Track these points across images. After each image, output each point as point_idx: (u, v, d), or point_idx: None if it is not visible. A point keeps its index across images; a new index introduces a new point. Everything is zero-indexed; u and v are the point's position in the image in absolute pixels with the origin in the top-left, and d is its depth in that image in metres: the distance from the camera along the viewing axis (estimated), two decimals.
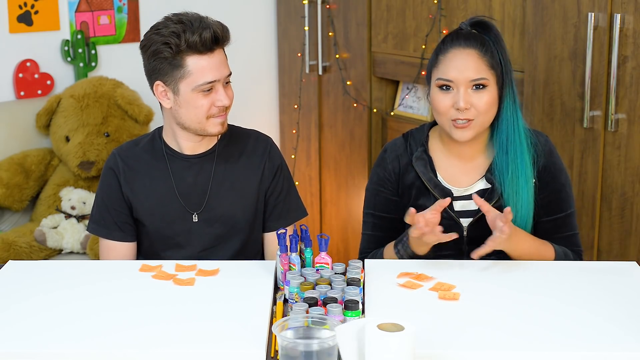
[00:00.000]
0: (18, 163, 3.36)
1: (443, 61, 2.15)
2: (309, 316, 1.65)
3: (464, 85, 2.12)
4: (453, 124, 2.14)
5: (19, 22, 3.51)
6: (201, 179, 2.31)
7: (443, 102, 2.14)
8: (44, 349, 1.68)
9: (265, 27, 4.19)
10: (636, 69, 2.61)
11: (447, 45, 2.16)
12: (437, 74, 2.16)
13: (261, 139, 2.39)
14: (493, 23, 2.20)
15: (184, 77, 2.18)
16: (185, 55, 2.16)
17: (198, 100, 2.19)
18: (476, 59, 2.13)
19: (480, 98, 2.13)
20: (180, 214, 2.30)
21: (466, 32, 2.18)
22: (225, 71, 2.22)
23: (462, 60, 2.13)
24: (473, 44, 2.14)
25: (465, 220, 2.22)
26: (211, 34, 2.17)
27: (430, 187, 2.21)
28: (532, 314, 1.81)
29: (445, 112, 2.14)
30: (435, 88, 2.17)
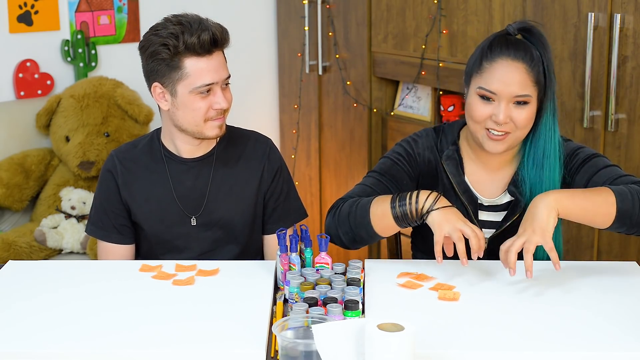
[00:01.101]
0: (18, 163, 3.36)
1: (488, 70, 2.04)
2: (309, 316, 1.65)
3: (506, 100, 2.02)
4: (487, 134, 2.06)
5: (19, 22, 3.51)
6: (200, 183, 2.30)
7: (481, 111, 2.05)
8: (44, 349, 1.68)
9: (265, 27, 4.19)
10: (636, 69, 2.61)
11: (495, 52, 2.04)
12: (480, 81, 2.05)
13: (260, 141, 2.37)
14: (543, 31, 2.08)
15: (181, 79, 2.16)
16: (183, 57, 2.15)
17: (196, 102, 2.18)
18: (523, 74, 2.02)
19: (520, 113, 2.03)
20: (179, 217, 2.29)
21: (516, 41, 2.05)
22: (224, 74, 2.20)
23: (509, 74, 2.02)
24: (522, 55, 2.03)
25: (487, 232, 2.17)
26: (210, 36, 2.15)
27: (460, 190, 2.14)
28: (532, 314, 1.81)
29: (481, 122, 2.06)
30: (474, 95, 2.06)
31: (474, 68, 2.08)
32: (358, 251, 3.82)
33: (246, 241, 2.34)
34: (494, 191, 2.18)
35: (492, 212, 2.17)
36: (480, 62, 2.06)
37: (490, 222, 2.18)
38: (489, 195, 2.18)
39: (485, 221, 2.18)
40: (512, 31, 2.08)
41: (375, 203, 2.02)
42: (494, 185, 2.18)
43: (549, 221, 1.90)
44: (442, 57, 3.28)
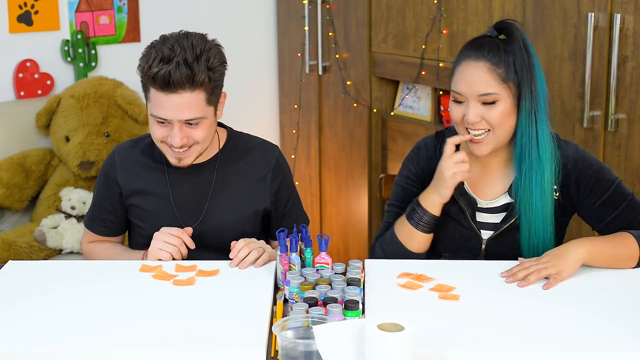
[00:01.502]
0: (18, 163, 3.36)
1: (456, 73, 2.10)
2: (309, 316, 1.65)
3: (473, 99, 2.06)
4: (471, 138, 2.08)
5: (19, 22, 3.51)
6: (198, 189, 2.28)
7: (455, 112, 2.10)
8: (44, 349, 1.68)
9: (265, 27, 4.19)
10: (636, 69, 2.61)
11: (461, 55, 2.11)
12: (452, 85, 2.11)
13: (267, 151, 2.33)
14: (517, 28, 2.10)
15: (148, 100, 2.16)
16: (148, 82, 2.13)
17: (153, 126, 2.17)
18: (485, 73, 2.05)
19: (490, 112, 2.06)
20: (177, 224, 2.26)
21: (484, 42, 2.09)
22: (184, 115, 2.10)
23: (471, 74, 2.06)
24: (484, 55, 2.06)
25: (485, 233, 2.18)
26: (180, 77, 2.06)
27: (457, 194, 2.15)
28: (532, 314, 1.81)
29: (457, 122, 2.11)
30: (451, 99, 2.12)
31: (451, 74, 2.14)
32: (358, 251, 3.84)
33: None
34: (492, 193, 2.18)
35: (490, 214, 2.18)
36: (453, 67, 2.13)
37: (488, 223, 2.18)
38: (487, 197, 2.18)
39: (484, 223, 2.18)
40: (490, 32, 2.12)
41: (398, 230, 2.18)
42: (492, 187, 2.18)
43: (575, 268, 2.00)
44: (442, 57, 3.28)
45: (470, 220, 2.16)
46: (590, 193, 2.13)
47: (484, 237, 2.17)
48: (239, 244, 2.12)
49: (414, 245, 2.16)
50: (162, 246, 2.14)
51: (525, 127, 2.09)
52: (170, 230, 2.17)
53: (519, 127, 2.10)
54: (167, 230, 2.17)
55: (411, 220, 2.14)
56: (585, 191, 2.13)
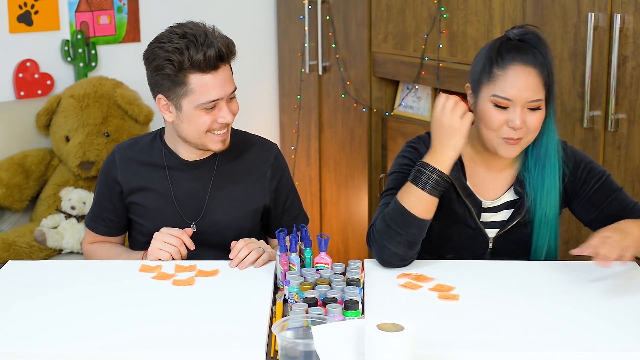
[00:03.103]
0: (18, 163, 3.36)
1: (502, 77, 2.04)
2: (309, 316, 1.65)
3: (521, 105, 2.04)
4: (504, 140, 2.07)
5: (19, 22, 3.51)
6: (199, 185, 2.29)
7: (497, 118, 2.05)
8: (44, 349, 1.68)
9: (265, 27, 4.19)
10: (636, 69, 2.61)
11: (507, 58, 2.05)
12: (494, 89, 2.05)
13: (265, 148, 2.34)
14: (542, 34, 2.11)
15: (186, 95, 2.13)
16: (188, 73, 2.11)
17: (200, 117, 2.15)
18: (536, 78, 2.04)
19: (533, 117, 2.05)
20: (176, 222, 2.27)
21: (523, 45, 2.07)
22: (229, 88, 2.17)
23: (523, 79, 2.03)
24: (532, 60, 2.05)
25: (491, 232, 2.18)
26: (215, 52, 2.11)
27: (464, 194, 2.14)
28: (531, 315, 1.81)
29: (497, 129, 2.06)
30: (488, 103, 2.06)
31: (484, 75, 2.07)
32: (358, 251, 3.84)
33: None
34: (495, 192, 2.19)
35: (493, 213, 2.18)
36: (491, 70, 2.06)
37: (493, 222, 2.18)
38: (490, 197, 2.18)
39: (488, 222, 2.18)
40: (512, 36, 2.09)
41: (402, 197, 2.04)
42: (495, 186, 2.19)
43: None
44: (442, 57, 3.28)
45: (476, 220, 2.16)
46: (584, 183, 2.18)
47: (490, 236, 2.17)
48: (239, 244, 2.12)
49: (419, 209, 2.02)
50: (162, 246, 2.15)
51: (550, 129, 2.12)
52: (170, 230, 2.17)
53: (545, 129, 2.11)
54: (167, 230, 2.17)
55: (418, 183, 2.02)
56: (580, 181, 2.18)
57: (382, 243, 2.04)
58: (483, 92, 2.08)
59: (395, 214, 2.03)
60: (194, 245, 2.19)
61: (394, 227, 2.03)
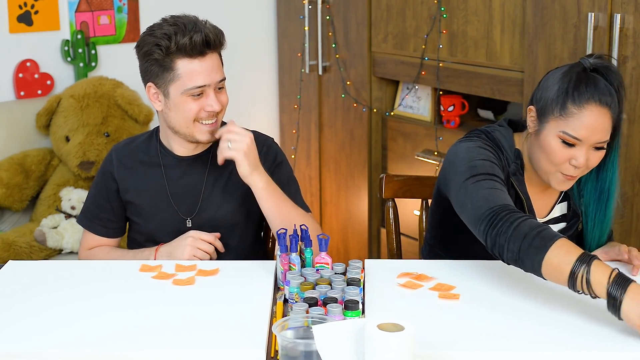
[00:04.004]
0: (18, 163, 3.36)
1: (576, 115, 1.95)
2: (309, 316, 1.65)
3: (588, 145, 1.98)
4: (562, 176, 2.02)
5: (19, 22, 3.51)
6: (193, 180, 2.29)
7: (562, 154, 1.99)
8: (44, 349, 1.68)
9: (265, 27, 4.19)
10: (636, 69, 2.61)
11: (584, 96, 1.96)
12: (564, 126, 1.97)
13: (258, 141, 2.31)
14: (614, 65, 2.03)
15: (173, 80, 2.16)
16: (176, 57, 2.14)
17: (187, 104, 2.17)
18: (608, 120, 1.97)
19: (596, 156, 2.00)
20: (172, 218, 2.28)
21: (600, 82, 1.97)
22: (217, 76, 2.18)
23: (598, 122, 1.95)
24: (609, 101, 1.96)
25: None
26: (202, 38, 2.14)
27: (528, 207, 2.09)
28: (532, 314, 1.81)
29: (560, 164, 2.00)
30: (555, 138, 1.98)
31: (556, 108, 1.98)
32: (358, 251, 3.84)
33: (244, 242, 2.32)
34: (543, 209, 2.17)
35: None
36: (565, 104, 1.97)
37: None
38: (539, 213, 2.16)
39: None
40: (588, 66, 1.99)
41: (556, 249, 1.76)
42: (543, 203, 2.17)
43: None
44: (442, 57, 3.28)
45: None
46: None
47: None
48: None
49: (548, 274, 1.78)
50: (196, 252, 2.18)
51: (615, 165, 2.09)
52: (202, 235, 2.20)
53: (609, 166, 2.08)
54: (199, 235, 2.20)
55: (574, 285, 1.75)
56: None
57: (508, 236, 1.81)
58: (552, 124, 1.99)
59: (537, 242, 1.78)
60: (224, 248, 2.24)
61: (524, 245, 1.79)
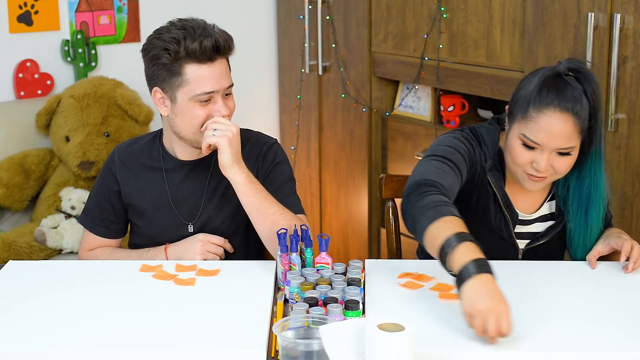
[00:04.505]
0: (18, 163, 3.35)
1: (535, 119, 1.95)
2: (310, 316, 1.65)
3: (549, 150, 1.97)
4: (527, 176, 2.02)
5: (19, 22, 3.51)
6: (194, 185, 2.28)
7: (522, 156, 2.00)
8: (44, 349, 1.68)
9: (265, 27, 4.19)
10: (636, 69, 2.61)
11: (544, 100, 1.95)
12: (524, 129, 1.97)
13: (260, 142, 2.31)
14: (592, 72, 2.00)
15: (181, 86, 2.12)
16: (184, 62, 2.11)
17: (195, 110, 2.14)
18: (570, 126, 1.94)
19: (562, 162, 1.99)
20: (174, 222, 2.28)
21: (565, 86, 1.95)
22: (225, 82, 2.16)
23: (556, 127, 1.94)
24: (571, 106, 1.93)
25: (521, 242, 2.17)
26: (212, 43, 2.11)
27: (503, 204, 2.10)
28: (531, 314, 1.81)
29: (521, 165, 2.01)
30: (516, 139, 2.00)
31: (519, 110, 1.99)
32: (358, 251, 3.84)
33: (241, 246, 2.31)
34: (529, 206, 2.16)
35: (526, 225, 2.17)
36: (527, 107, 1.97)
37: (524, 233, 2.17)
38: (525, 210, 2.16)
39: (519, 233, 2.17)
40: (562, 71, 1.98)
41: (442, 223, 1.78)
42: (530, 200, 2.16)
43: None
44: (442, 57, 3.28)
45: (511, 232, 2.14)
46: None
47: (520, 247, 2.16)
48: None
49: (426, 246, 1.82)
50: (207, 256, 2.19)
51: (594, 173, 2.06)
52: (211, 238, 2.21)
53: (586, 174, 2.06)
54: (208, 238, 2.21)
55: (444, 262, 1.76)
56: None
57: (407, 206, 1.87)
58: (516, 126, 2.01)
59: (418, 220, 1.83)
60: (233, 249, 2.26)
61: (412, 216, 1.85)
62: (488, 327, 1.63)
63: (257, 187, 2.14)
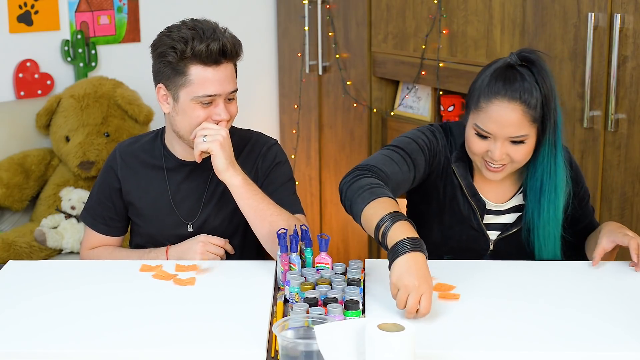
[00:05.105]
0: (18, 163, 3.36)
1: (485, 110, 2.00)
2: (310, 316, 1.65)
3: (502, 139, 2.00)
4: (485, 165, 2.06)
5: (19, 22, 3.51)
6: (195, 184, 2.28)
7: (477, 146, 2.04)
8: (44, 349, 1.68)
9: (265, 27, 4.19)
10: (636, 69, 2.62)
11: (492, 91, 2.00)
12: (476, 119, 2.02)
13: (260, 142, 2.32)
14: (543, 60, 2.03)
15: (185, 85, 2.13)
16: (190, 63, 2.11)
17: (195, 110, 2.14)
18: (520, 115, 1.98)
19: (517, 150, 2.02)
20: (174, 222, 2.28)
21: (514, 76, 2.00)
22: (229, 87, 2.15)
23: (505, 116, 1.98)
24: (519, 96, 1.97)
25: (492, 234, 2.18)
26: (219, 47, 2.10)
27: (469, 193, 2.14)
28: (532, 314, 1.81)
29: (477, 154, 2.05)
30: (471, 129, 2.04)
31: (472, 102, 2.05)
32: (358, 251, 3.84)
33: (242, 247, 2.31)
34: (501, 196, 2.18)
35: (497, 216, 2.18)
36: (478, 98, 2.02)
37: (495, 224, 2.18)
38: (496, 201, 2.17)
39: (490, 224, 2.18)
40: (514, 61, 2.02)
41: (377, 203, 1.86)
42: (502, 190, 2.18)
43: None
44: (442, 57, 3.28)
45: (479, 221, 2.16)
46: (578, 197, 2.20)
47: (491, 238, 2.17)
48: None
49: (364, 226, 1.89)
50: (208, 257, 2.18)
51: (547, 162, 2.08)
52: (212, 239, 2.20)
53: (539, 163, 2.08)
54: (209, 239, 2.20)
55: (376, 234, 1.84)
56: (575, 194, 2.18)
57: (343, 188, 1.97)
58: (470, 116, 2.06)
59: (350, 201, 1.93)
60: (234, 250, 2.25)
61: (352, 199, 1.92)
62: (409, 302, 1.73)
63: (254, 189, 2.14)
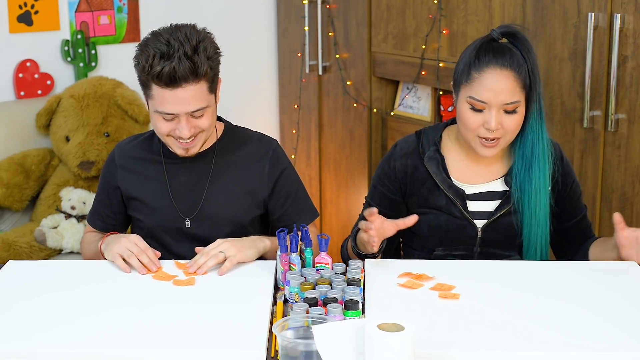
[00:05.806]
0: (18, 163, 3.36)
1: (478, 80, 2.09)
2: (309, 316, 1.65)
3: (497, 107, 2.08)
4: (480, 142, 2.11)
5: (19, 22, 3.51)
6: (195, 179, 2.29)
7: (472, 119, 2.10)
8: (44, 349, 1.68)
9: (265, 27, 4.19)
10: (636, 69, 2.61)
11: (483, 61, 2.09)
12: (469, 91, 2.10)
13: (264, 143, 2.34)
14: (525, 34, 2.14)
15: (149, 97, 2.17)
16: (151, 81, 2.12)
17: (159, 122, 2.17)
18: (512, 82, 2.07)
19: (510, 119, 2.09)
20: (172, 217, 2.29)
21: (502, 47, 2.10)
22: (190, 107, 2.12)
23: (498, 82, 2.07)
24: (509, 62, 2.08)
25: (479, 222, 2.20)
26: (170, 71, 2.06)
27: (444, 187, 2.19)
28: (532, 314, 1.81)
29: (473, 130, 2.11)
30: (465, 104, 2.11)
31: (462, 77, 2.12)
32: None
33: None
34: (482, 179, 2.22)
35: (482, 201, 2.21)
36: (469, 72, 2.10)
37: (481, 212, 2.21)
38: (477, 181, 2.21)
39: (476, 211, 2.21)
40: (496, 36, 2.13)
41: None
42: (483, 173, 2.22)
43: None
44: (442, 57, 3.28)
45: (462, 209, 2.19)
46: (570, 190, 2.25)
47: (478, 226, 2.20)
48: (197, 256, 2.11)
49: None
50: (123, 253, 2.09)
51: (535, 130, 2.15)
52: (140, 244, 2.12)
53: (529, 129, 2.15)
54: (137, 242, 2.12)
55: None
56: (567, 187, 2.24)
57: None
58: (461, 93, 2.13)
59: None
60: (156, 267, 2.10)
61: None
62: None
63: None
